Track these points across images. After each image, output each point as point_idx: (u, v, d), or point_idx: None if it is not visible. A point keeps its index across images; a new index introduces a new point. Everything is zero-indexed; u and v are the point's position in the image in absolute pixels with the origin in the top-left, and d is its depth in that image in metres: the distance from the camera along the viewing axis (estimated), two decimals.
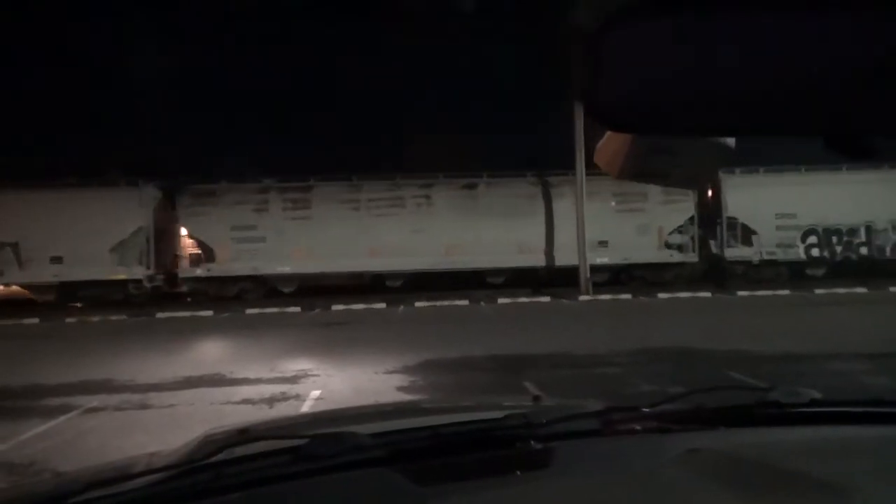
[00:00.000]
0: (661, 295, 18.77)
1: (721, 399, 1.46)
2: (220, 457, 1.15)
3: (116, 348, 11.48)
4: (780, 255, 21.24)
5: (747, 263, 21.35)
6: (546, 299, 18.76)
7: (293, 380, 8.11)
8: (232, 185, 20.67)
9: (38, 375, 8.88)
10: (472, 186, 20.95)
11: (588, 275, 19.75)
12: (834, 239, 21.36)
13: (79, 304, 19.34)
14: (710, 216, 21.57)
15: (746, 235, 21.17)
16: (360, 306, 17.86)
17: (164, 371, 8.96)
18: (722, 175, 21.20)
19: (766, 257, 21.22)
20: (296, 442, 1.19)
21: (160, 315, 17.12)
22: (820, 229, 21.00)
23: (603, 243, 20.61)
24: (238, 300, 19.50)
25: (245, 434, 1.33)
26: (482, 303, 18.31)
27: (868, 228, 21.35)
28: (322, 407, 6.58)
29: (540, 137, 27.79)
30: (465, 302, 18.31)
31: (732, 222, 21.20)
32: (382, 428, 1.42)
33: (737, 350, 9.32)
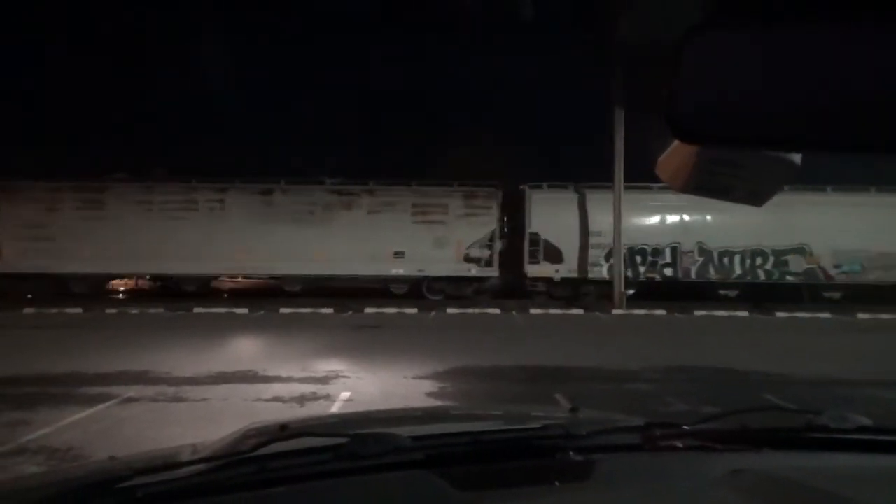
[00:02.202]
0: (698, 312, 18.43)
1: (765, 420, 1.44)
2: (264, 451, 1.16)
3: (154, 341, 11.74)
4: (583, 273, 20.89)
5: (549, 281, 20.94)
6: (579, 312, 18.60)
7: (324, 380, 8.18)
8: (25, 182, 20.40)
9: (79, 364, 9.13)
10: (267, 192, 20.77)
11: (622, 289, 19.53)
12: (638, 259, 20.95)
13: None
14: (514, 231, 21.21)
15: (549, 252, 20.73)
16: (392, 310, 17.94)
17: (198, 365, 9.13)
18: (527, 189, 21.03)
19: (567, 275, 20.81)
20: (338, 440, 1.21)
21: (197, 310, 17.45)
22: (625, 249, 20.43)
23: (399, 254, 20.37)
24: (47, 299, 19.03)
25: (286, 430, 1.35)
26: (514, 312, 18.25)
27: (674, 249, 20.92)
28: (352, 408, 6.62)
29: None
30: (496, 311, 18.26)
31: (535, 238, 20.76)
32: (421, 431, 1.43)
33: (774, 372, 9.10)
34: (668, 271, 20.88)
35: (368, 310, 17.92)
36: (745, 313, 18.45)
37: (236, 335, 12.83)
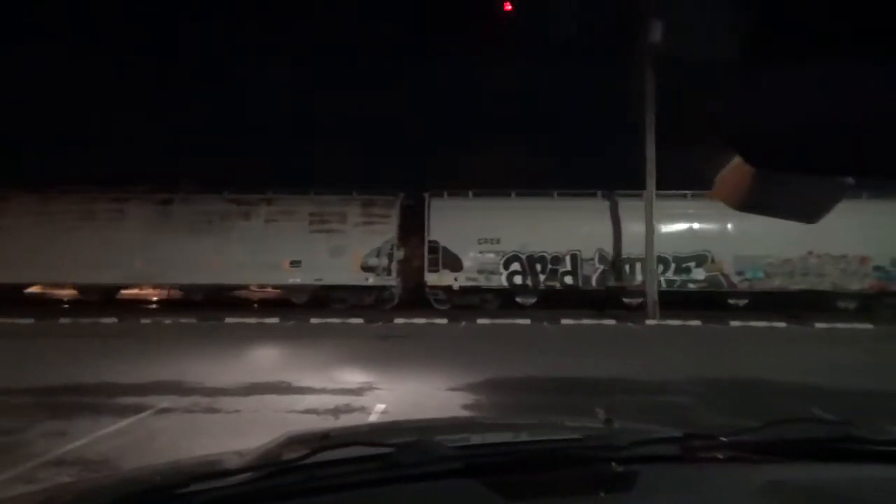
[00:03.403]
0: (734, 323, 17.99)
1: (803, 432, 1.43)
2: (311, 459, 1.18)
3: (187, 350, 11.79)
4: (482, 281, 20.16)
5: (448, 289, 20.43)
6: (611, 322, 18.28)
7: (357, 391, 8.09)
8: None
9: (114, 373, 9.18)
10: (167, 202, 20.49)
11: (655, 298, 19.15)
12: (538, 267, 20.28)
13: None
14: (414, 239, 20.76)
15: (449, 260, 20.21)
16: (421, 320, 17.84)
17: (230, 375, 9.11)
18: (427, 197, 20.58)
19: (466, 283, 20.23)
20: (382, 449, 1.23)
21: (228, 320, 17.55)
22: (524, 256, 20.01)
23: (296, 263, 19.98)
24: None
25: (327, 439, 1.37)
26: (545, 323, 18.01)
27: (574, 257, 20.27)
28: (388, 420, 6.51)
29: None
30: (526, 321, 18.05)
31: (434, 246, 20.26)
32: (461, 441, 1.48)
33: (810, 384, 8.76)
34: (569, 279, 20.35)
35: (398, 320, 17.85)
36: (782, 324, 17.96)
37: (267, 345, 12.84)
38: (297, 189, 20.82)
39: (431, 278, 20.27)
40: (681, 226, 19.87)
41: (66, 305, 20.91)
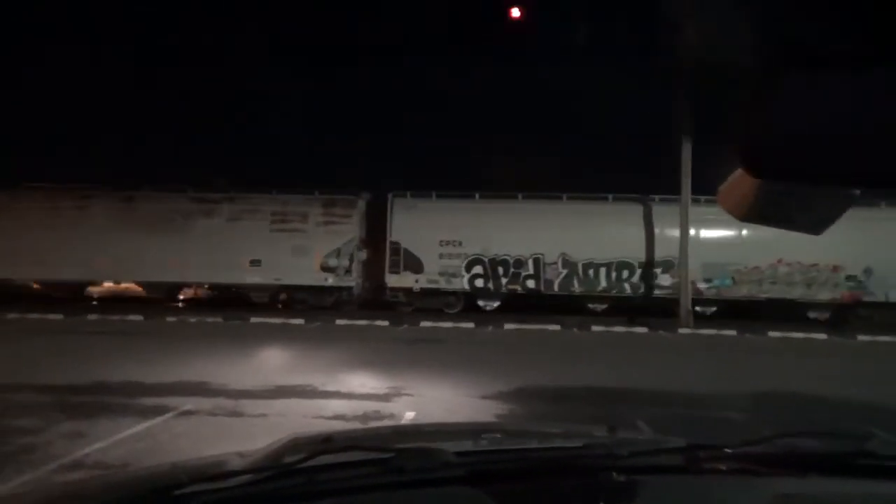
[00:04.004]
0: (772, 333, 17.36)
1: (813, 445, 1.40)
2: (313, 462, 1.18)
3: (211, 350, 11.60)
4: (443, 284, 19.66)
5: (409, 291, 19.89)
6: (643, 330, 17.76)
7: (386, 397, 7.78)
8: None
9: (137, 372, 8.99)
10: (130, 199, 20.22)
11: (690, 307, 18.59)
12: (500, 270, 19.68)
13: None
14: (379, 240, 20.25)
15: (410, 262, 19.70)
16: (447, 324, 17.52)
17: (255, 377, 8.87)
18: (390, 197, 20.10)
19: (427, 286, 19.66)
20: (385, 454, 1.21)
21: (254, 320, 17.41)
22: (486, 259, 19.47)
23: (255, 262, 19.65)
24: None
25: (330, 442, 1.37)
26: (575, 329, 17.57)
27: (536, 261, 19.64)
28: None
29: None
30: (556, 327, 17.62)
31: (395, 247, 19.82)
32: (466, 447, 1.45)
33: (862, 399, 8.22)
34: (531, 283, 19.84)
35: (424, 323, 17.56)
36: (822, 335, 17.27)
37: (292, 346, 12.60)
38: (264, 188, 20.60)
39: (392, 280, 20.01)
40: (647, 230, 19.37)
41: (95, 302, 21.01)
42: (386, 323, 17.39)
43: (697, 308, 19.75)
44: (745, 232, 19.19)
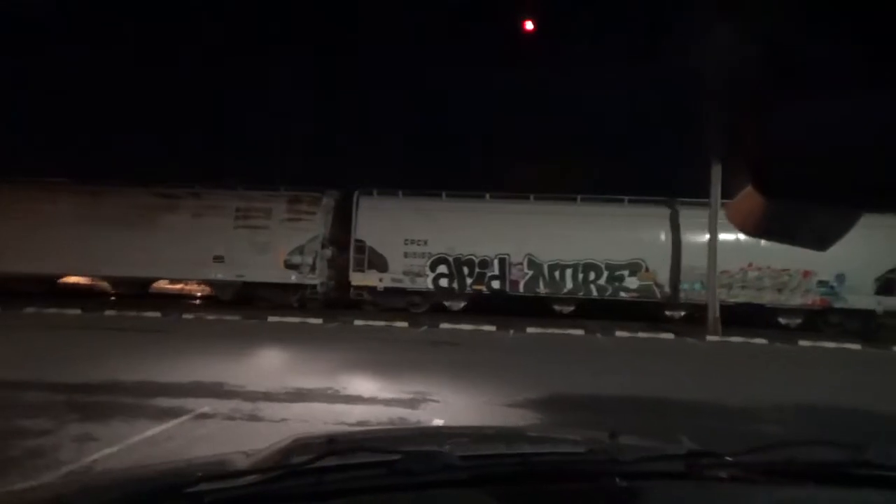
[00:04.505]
0: (803, 342, 16.77)
1: (812, 454, 1.39)
2: (319, 463, 1.18)
3: (228, 349, 11.30)
4: (408, 283, 19.20)
5: (373, 290, 19.42)
6: (668, 336, 17.24)
7: (411, 403, 7.39)
8: None
9: (153, 372, 8.70)
10: (96, 194, 19.90)
11: (717, 313, 18.03)
12: (465, 270, 19.14)
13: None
14: (342, 238, 19.84)
15: (375, 260, 19.25)
16: (468, 327, 17.12)
17: (274, 378, 8.54)
18: (356, 195, 19.71)
19: (391, 285, 19.22)
20: (390, 456, 1.23)
21: (271, 319, 17.14)
22: (451, 259, 18.99)
23: (218, 258, 19.24)
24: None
25: (333, 443, 1.38)
26: (598, 334, 17.10)
27: (502, 261, 19.05)
28: None
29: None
30: (579, 332, 17.15)
31: (360, 245, 19.39)
32: (470, 450, 1.49)
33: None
34: (496, 284, 19.33)
35: (444, 325, 17.18)
36: (856, 346, 16.65)
37: (311, 346, 12.27)
38: (230, 183, 20.36)
39: (356, 278, 19.64)
40: (615, 232, 18.89)
41: (113, 298, 20.87)
42: (405, 324, 17.03)
43: (666, 312, 19.41)
44: (718, 235, 18.66)
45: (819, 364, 13.87)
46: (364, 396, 7.65)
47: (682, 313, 19.38)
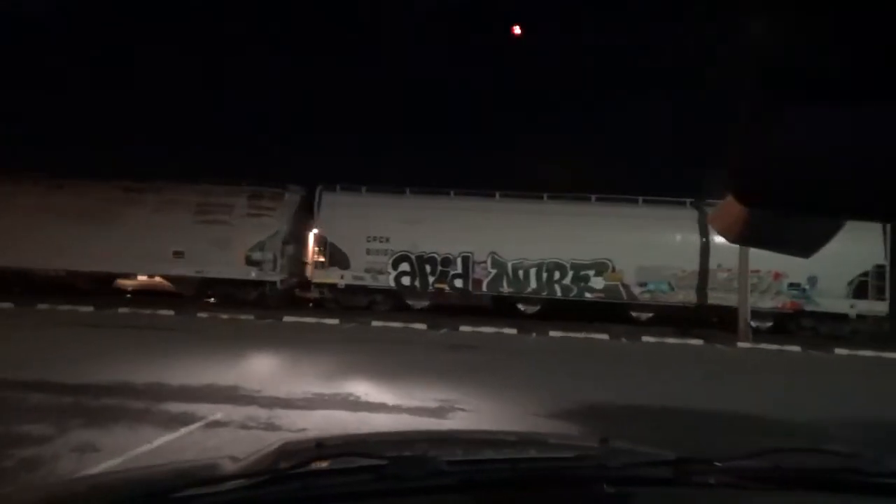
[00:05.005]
0: (839, 351, 16.04)
1: (801, 461, 1.38)
2: (305, 468, 1.19)
3: (243, 350, 10.85)
4: (369, 281, 18.71)
5: (334, 287, 18.87)
6: (698, 342, 16.58)
7: (438, 412, 6.87)
8: None
9: (164, 373, 8.25)
10: (58, 187, 19.46)
11: (748, 319, 17.33)
12: (428, 268, 18.60)
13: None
14: (303, 234, 19.42)
15: (336, 257, 18.69)
16: (489, 329, 16.58)
17: (291, 383, 8.06)
18: (319, 191, 19.22)
19: (352, 282, 18.73)
20: (378, 461, 1.22)
21: (287, 319, 16.71)
22: (413, 256, 18.51)
23: (178, 254, 18.74)
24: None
25: (322, 448, 1.37)
26: (623, 339, 16.49)
27: (465, 259, 18.41)
28: None
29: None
30: (603, 336, 16.54)
31: (321, 241, 18.90)
32: (458, 455, 1.50)
33: None
34: (459, 282, 18.76)
35: (463, 328, 16.65)
36: (893, 354, 15.90)
37: (328, 348, 11.77)
38: (194, 178, 19.97)
39: (317, 275, 19.26)
40: (580, 230, 18.35)
41: (129, 296, 20.57)
42: (423, 326, 16.53)
43: (633, 313, 18.82)
44: (682, 234, 18.24)
45: (864, 373, 13.19)
46: (388, 404, 7.13)
47: (650, 315, 18.76)
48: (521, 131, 26.96)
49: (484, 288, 18.92)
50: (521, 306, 19.11)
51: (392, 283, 18.97)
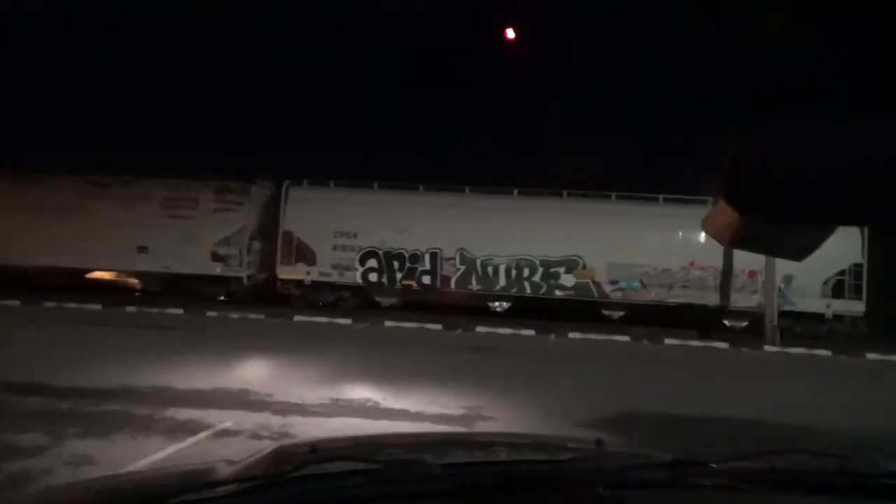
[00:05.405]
0: (871, 355, 15.39)
1: (795, 462, 1.39)
2: (299, 472, 1.17)
3: (253, 351, 10.38)
4: (336, 277, 18.36)
5: (301, 284, 18.41)
6: (723, 346, 15.97)
7: (464, 420, 6.34)
8: None
9: (171, 375, 7.77)
10: (23, 182, 19.05)
11: (775, 321, 16.70)
12: (395, 264, 18.19)
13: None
14: (270, 230, 18.87)
15: (303, 253, 18.25)
16: (506, 331, 16.04)
17: (305, 387, 7.56)
18: (285, 186, 18.80)
19: (319, 278, 18.35)
20: (372, 465, 1.22)
21: (297, 318, 16.25)
22: (381, 252, 18.15)
23: (143, 249, 18.29)
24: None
25: (316, 452, 1.37)
26: (645, 341, 15.92)
27: (433, 255, 18.02)
28: None
29: None
30: (625, 338, 15.97)
31: (288, 237, 18.40)
32: (453, 458, 1.50)
33: None
34: (427, 279, 18.27)
35: (480, 328, 16.14)
36: None
37: (343, 349, 11.27)
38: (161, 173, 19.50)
39: (284, 271, 18.81)
40: (551, 226, 17.85)
41: (138, 294, 20.19)
42: (439, 327, 16.01)
43: (604, 311, 18.32)
44: (654, 231, 17.71)
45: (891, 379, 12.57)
46: (410, 411, 6.61)
47: (621, 313, 18.25)
48: (494, 128, 26.57)
49: (452, 285, 18.49)
50: (490, 304, 18.65)
51: (359, 280, 18.57)
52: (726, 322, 17.86)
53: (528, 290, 18.29)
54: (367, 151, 24.74)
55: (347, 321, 16.08)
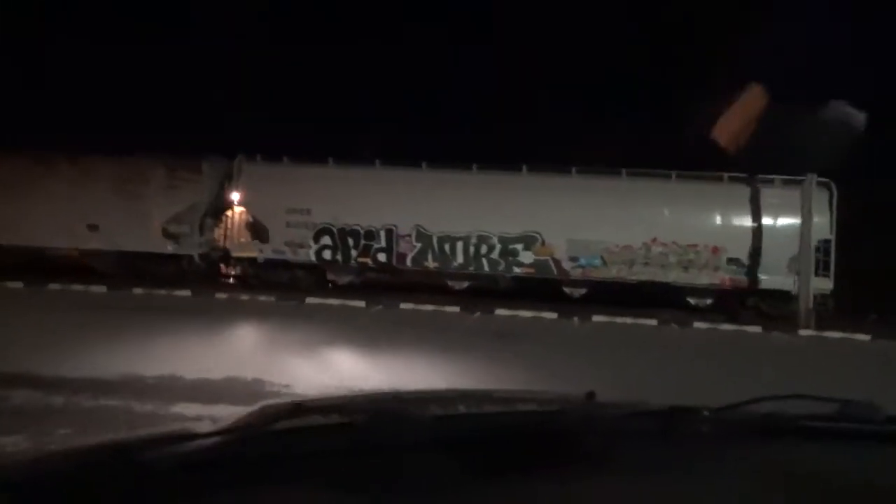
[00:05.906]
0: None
1: (793, 408, 1.33)
2: (277, 426, 1.16)
3: (263, 336, 9.75)
4: (289, 254, 17.80)
5: (253, 262, 17.97)
6: (756, 329, 15.22)
7: None
8: None
9: (177, 364, 7.13)
10: None
11: (810, 305, 15.92)
12: (350, 241, 17.67)
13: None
14: (225, 207, 18.45)
15: (256, 230, 17.74)
16: (527, 314, 15.36)
17: (323, 376, 6.97)
18: (238, 161, 18.36)
19: (272, 256, 17.77)
20: (354, 419, 1.22)
21: (309, 300, 15.63)
22: (335, 229, 17.60)
23: (93, 227, 17.79)
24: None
25: (301, 407, 1.32)
26: (673, 325, 15.23)
27: (389, 232, 17.51)
28: None
29: None
30: (652, 321, 15.27)
31: (241, 214, 18.03)
32: (438, 411, 1.46)
33: None
34: (382, 257, 17.73)
35: (499, 311, 15.45)
36: None
37: (358, 335, 10.63)
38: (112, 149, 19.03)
39: (236, 248, 18.35)
40: (509, 202, 17.32)
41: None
42: (456, 309, 15.36)
43: (565, 289, 17.73)
44: (615, 207, 17.08)
45: None
46: None
47: (583, 291, 17.67)
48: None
49: (408, 262, 17.91)
50: (449, 282, 18.11)
51: (313, 258, 17.99)
52: (690, 300, 17.29)
53: (486, 268, 17.78)
54: (324, 128, 24.34)
55: (361, 303, 15.46)
